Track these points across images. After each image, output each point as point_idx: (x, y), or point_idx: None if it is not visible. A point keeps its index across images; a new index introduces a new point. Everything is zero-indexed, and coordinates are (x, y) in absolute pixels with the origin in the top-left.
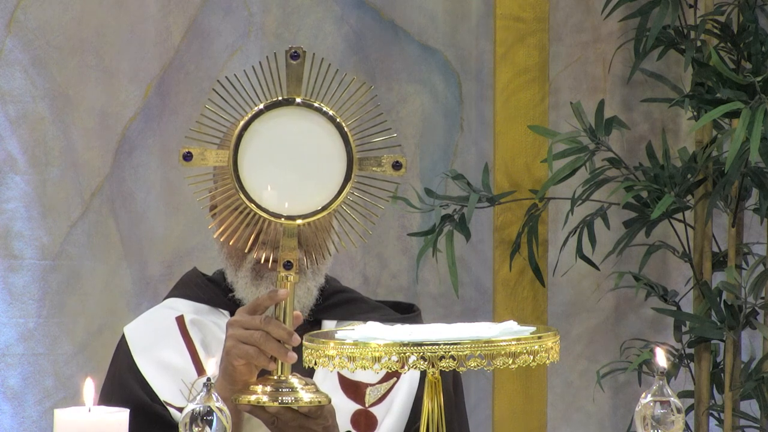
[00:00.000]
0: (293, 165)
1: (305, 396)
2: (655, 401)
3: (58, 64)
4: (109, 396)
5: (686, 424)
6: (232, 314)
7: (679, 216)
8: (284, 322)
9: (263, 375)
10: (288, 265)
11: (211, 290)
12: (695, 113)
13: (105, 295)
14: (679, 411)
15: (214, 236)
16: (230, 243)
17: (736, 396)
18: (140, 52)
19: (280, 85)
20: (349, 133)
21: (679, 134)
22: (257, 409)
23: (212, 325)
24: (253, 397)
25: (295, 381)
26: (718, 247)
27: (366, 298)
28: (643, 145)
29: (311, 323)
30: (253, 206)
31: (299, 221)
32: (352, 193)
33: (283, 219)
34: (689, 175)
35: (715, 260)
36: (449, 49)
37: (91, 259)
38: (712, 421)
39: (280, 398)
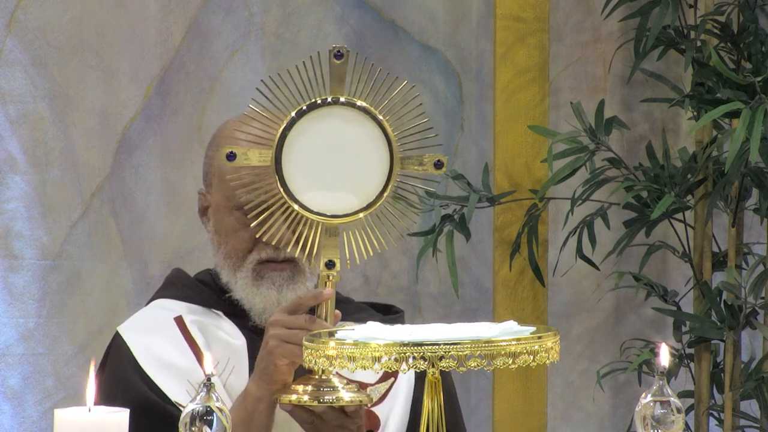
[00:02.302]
0: (335, 164)
1: (346, 395)
2: (655, 401)
3: (58, 64)
4: (112, 398)
5: (686, 424)
6: (226, 315)
7: (679, 216)
8: (326, 320)
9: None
10: (330, 264)
11: (202, 291)
12: (695, 113)
13: (105, 295)
14: (679, 411)
15: (258, 235)
16: (273, 243)
17: (736, 396)
18: (140, 52)
19: (323, 85)
20: (391, 133)
21: (679, 134)
22: (298, 409)
23: (212, 326)
24: (294, 397)
25: (335, 380)
26: (718, 247)
27: (350, 299)
28: (643, 145)
29: None
30: (296, 206)
31: (340, 220)
32: (393, 193)
33: (324, 218)
34: (689, 175)
35: (715, 260)
36: (449, 49)
37: (91, 259)
38: (712, 421)
39: (321, 397)
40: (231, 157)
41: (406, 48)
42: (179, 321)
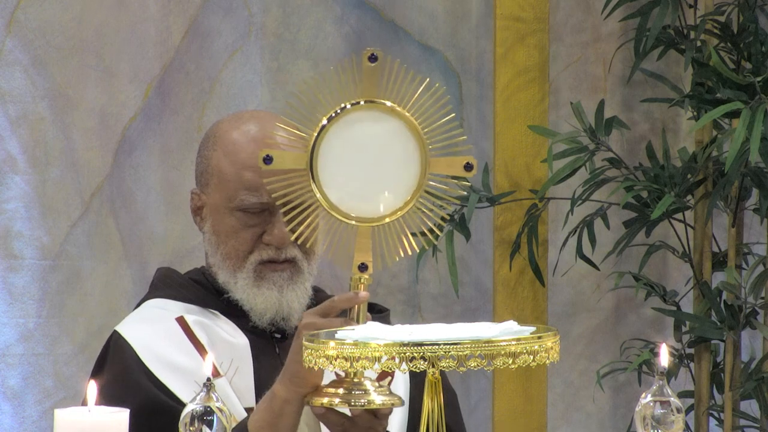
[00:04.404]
0: (369, 167)
1: (377, 398)
2: (655, 401)
3: (58, 64)
4: (120, 399)
5: (686, 424)
6: (223, 314)
7: (679, 216)
8: (359, 323)
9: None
10: (363, 267)
11: (198, 291)
12: (695, 113)
13: (105, 295)
14: (679, 411)
15: (293, 238)
16: (308, 245)
17: (736, 396)
18: (140, 52)
19: (357, 88)
20: (423, 135)
21: (679, 134)
22: (330, 412)
23: (213, 326)
24: (325, 399)
25: (367, 383)
26: (718, 247)
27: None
28: (643, 145)
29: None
30: (329, 209)
31: (374, 223)
32: (423, 195)
33: (358, 221)
34: (689, 175)
35: (715, 260)
36: (449, 49)
37: (91, 259)
38: (712, 421)
39: (352, 400)
40: (268, 160)
41: (406, 48)
42: (181, 321)
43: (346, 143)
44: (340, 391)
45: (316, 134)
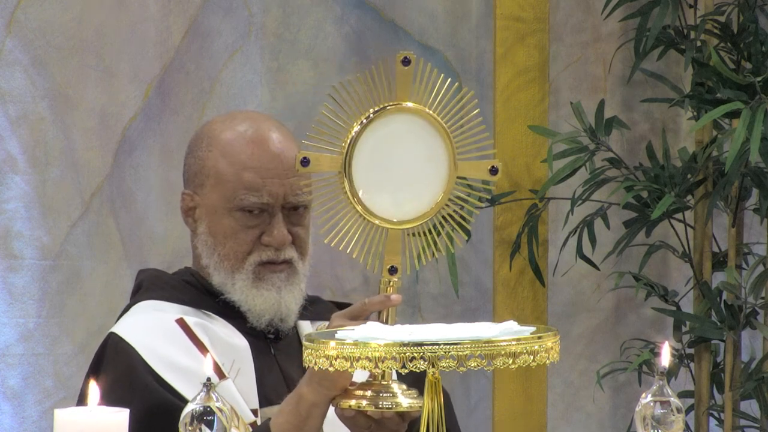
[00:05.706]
0: (401, 170)
1: (404, 401)
2: (655, 401)
3: (58, 64)
4: (122, 401)
5: (686, 424)
6: (218, 315)
7: (679, 216)
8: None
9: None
10: (393, 270)
11: (191, 292)
12: (695, 113)
13: (105, 295)
14: (679, 411)
15: (326, 240)
16: (341, 248)
17: (736, 396)
18: (140, 52)
19: (390, 91)
20: (452, 139)
21: (679, 134)
22: (359, 414)
23: (212, 327)
24: (353, 402)
25: (395, 386)
26: (718, 247)
27: (319, 297)
28: (643, 145)
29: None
30: (363, 211)
31: (405, 225)
32: (450, 198)
33: (390, 223)
34: (689, 175)
35: (715, 260)
36: (449, 49)
37: (91, 259)
38: (712, 421)
39: (379, 403)
40: (305, 162)
41: (406, 48)
42: (181, 323)
43: (379, 147)
44: (368, 393)
45: (350, 138)
